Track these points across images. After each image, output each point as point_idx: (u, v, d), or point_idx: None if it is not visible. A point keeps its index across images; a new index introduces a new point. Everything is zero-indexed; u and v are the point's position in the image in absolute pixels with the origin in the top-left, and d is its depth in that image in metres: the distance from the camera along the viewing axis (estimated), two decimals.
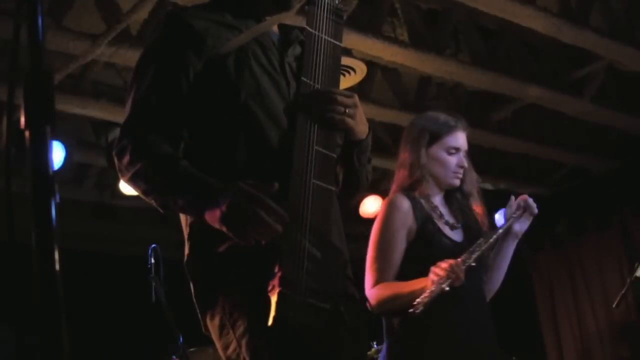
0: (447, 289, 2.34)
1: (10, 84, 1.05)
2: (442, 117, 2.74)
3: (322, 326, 1.57)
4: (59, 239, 0.97)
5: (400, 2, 4.51)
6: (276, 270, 1.51)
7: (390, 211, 2.60)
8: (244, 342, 1.56)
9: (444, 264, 2.38)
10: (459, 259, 2.41)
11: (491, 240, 2.52)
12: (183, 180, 1.57)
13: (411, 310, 2.34)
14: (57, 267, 0.95)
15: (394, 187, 2.70)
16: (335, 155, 1.67)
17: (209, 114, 1.67)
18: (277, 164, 1.61)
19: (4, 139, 1.04)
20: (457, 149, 2.68)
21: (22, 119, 1.00)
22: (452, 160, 2.66)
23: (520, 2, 4.00)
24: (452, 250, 2.52)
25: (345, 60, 4.38)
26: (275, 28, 1.84)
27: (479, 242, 2.49)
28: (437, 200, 2.67)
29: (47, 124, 0.99)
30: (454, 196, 2.70)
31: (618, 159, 6.23)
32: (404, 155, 2.69)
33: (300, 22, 1.78)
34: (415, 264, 2.51)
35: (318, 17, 1.73)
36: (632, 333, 6.05)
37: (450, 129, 2.70)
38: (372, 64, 4.94)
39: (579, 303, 6.55)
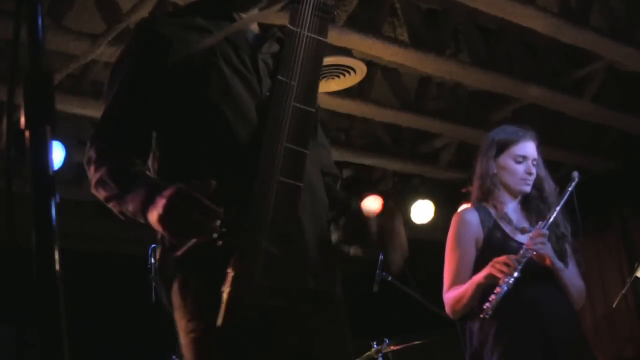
0: (510, 286, 2.55)
1: (10, 84, 1.05)
2: (510, 128, 2.92)
3: (273, 325, 1.57)
4: (59, 239, 0.97)
5: (400, 2, 4.51)
6: (229, 270, 1.50)
7: (458, 224, 2.83)
8: (199, 346, 1.58)
9: (501, 259, 2.59)
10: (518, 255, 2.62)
11: (542, 228, 2.69)
12: (133, 186, 1.58)
13: (482, 315, 2.56)
14: (57, 267, 0.95)
15: (471, 200, 2.92)
16: (307, 151, 1.66)
17: (179, 116, 1.67)
18: (246, 162, 1.60)
19: (4, 139, 1.04)
20: (525, 157, 2.83)
21: (22, 119, 0.99)
22: (520, 168, 2.81)
23: (520, 2, 4.00)
24: (518, 251, 2.68)
25: (345, 60, 4.39)
26: (255, 27, 1.84)
27: (531, 233, 2.69)
28: (510, 207, 2.85)
29: (47, 124, 0.99)
30: (533, 203, 2.86)
31: (618, 159, 6.22)
32: (477, 167, 2.89)
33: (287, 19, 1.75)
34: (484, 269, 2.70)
35: (301, 14, 1.71)
36: (632, 333, 6.05)
37: (517, 139, 2.85)
38: (372, 64, 4.94)
39: None
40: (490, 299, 2.58)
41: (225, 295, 1.48)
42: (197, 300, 1.60)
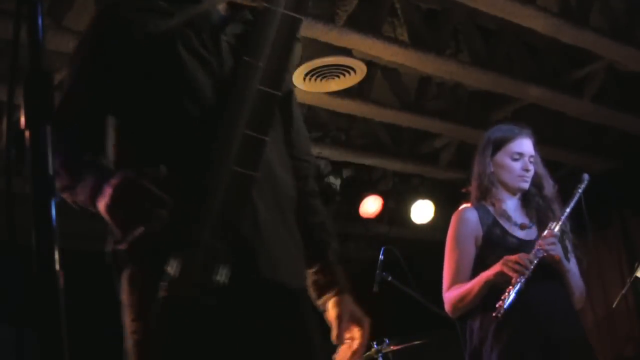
0: (522, 285, 2.56)
1: (10, 84, 1.05)
2: (505, 126, 2.94)
3: (210, 325, 1.47)
4: (59, 239, 0.97)
5: (400, 2, 4.50)
6: (167, 267, 1.42)
7: (457, 222, 2.84)
8: (139, 349, 1.51)
9: (513, 257, 2.60)
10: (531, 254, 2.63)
11: (554, 229, 2.71)
12: (83, 175, 1.53)
13: (494, 314, 2.57)
14: (57, 267, 0.95)
15: (470, 198, 2.92)
16: (266, 139, 1.56)
17: (134, 102, 1.60)
18: (199, 150, 1.52)
19: (4, 139, 1.04)
20: (521, 155, 2.84)
21: (22, 119, 1.00)
22: (517, 165, 2.83)
23: (520, 2, 4.00)
24: (518, 247, 2.73)
25: (345, 60, 4.39)
26: (222, 8, 1.75)
27: (543, 234, 2.71)
28: (510, 204, 2.86)
29: (47, 124, 0.99)
30: (532, 199, 2.88)
31: (618, 159, 6.22)
32: (474, 167, 2.91)
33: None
34: (484, 266, 2.73)
35: None
36: (632, 333, 6.05)
37: (513, 136, 2.87)
38: (372, 64, 4.94)
39: None
40: (502, 297, 2.58)
41: (161, 295, 1.41)
42: (142, 298, 1.52)
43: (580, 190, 2.81)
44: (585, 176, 2.83)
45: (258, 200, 1.56)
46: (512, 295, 2.57)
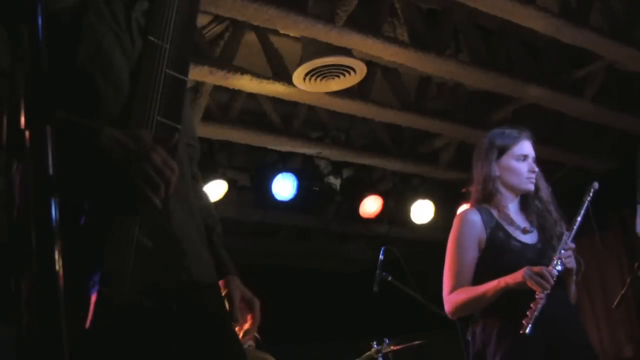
0: (546, 300, 2.55)
1: (10, 84, 1.05)
2: (506, 130, 2.94)
3: (146, 327, 1.42)
4: (59, 239, 0.97)
5: (400, 2, 4.51)
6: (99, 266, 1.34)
7: (460, 224, 2.82)
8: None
9: (537, 269, 2.58)
10: (549, 267, 2.61)
11: (567, 239, 2.70)
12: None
13: (521, 331, 2.54)
14: (57, 267, 0.95)
15: (470, 202, 2.93)
16: (179, 127, 1.48)
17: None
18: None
19: (4, 139, 1.04)
20: (526, 156, 2.86)
21: (22, 119, 0.99)
22: (523, 166, 2.85)
23: (520, 2, 4.00)
24: (521, 251, 2.74)
25: (345, 60, 4.39)
26: None
27: (558, 246, 2.69)
28: (512, 208, 2.87)
29: (47, 124, 0.99)
30: (531, 202, 2.88)
31: (618, 159, 6.22)
32: (477, 171, 2.90)
33: None
34: (488, 269, 2.73)
35: None
36: (632, 333, 6.05)
37: (516, 139, 2.88)
38: (372, 64, 4.94)
39: (579, 303, 6.53)
40: (528, 312, 2.55)
41: (93, 295, 1.33)
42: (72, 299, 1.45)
43: (589, 198, 2.81)
44: (595, 184, 2.83)
45: (172, 198, 1.45)
46: (538, 310, 2.55)
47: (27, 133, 0.98)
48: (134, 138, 1.35)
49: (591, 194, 2.83)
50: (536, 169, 2.86)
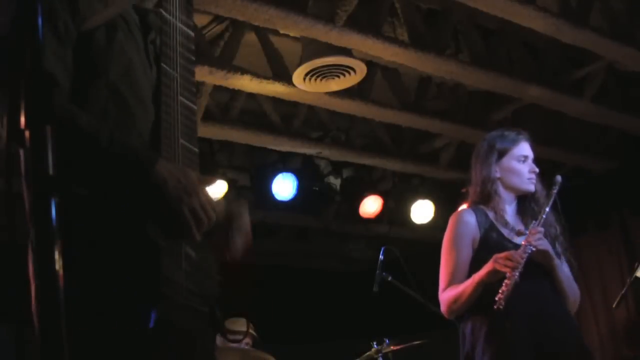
0: (518, 279, 2.57)
1: (10, 84, 1.05)
2: (505, 132, 2.96)
3: (201, 329, 1.55)
4: (59, 239, 0.97)
5: (400, 2, 4.51)
6: (157, 269, 1.42)
7: (455, 224, 2.85)
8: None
9: (502, 254, 2.62)
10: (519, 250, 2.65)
11: (535, 225, 2.73)
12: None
13: (495, 307, 2.56)
14: (57, 267, 0.95)
15: (467, 203, 2.95)
16: (197, 150, 1.58)
17: (76, 92, 1.48)
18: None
19: (4, 139, 1.04)
20: (526, 157, 2.88)
21: (22, 119, 0.99)
22: (525, 167, 2.86)
23: (520, 2, 4.00)
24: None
25: (345, 60, 4.39)
26: (130, 8, 1.69)
27: (528, 231, 2.72)
28: (509, 210, 2.88)
29: (47, 124, 0.99)
30: (528, 205, 2.88)
31: (618, 159, 6.23)
32: (476, 173, 2.91)
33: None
34: (479, 269, 2.72)
35: (171, 3, 1.61)
36: (632, 333, 6.05)
37: (515, 140, 2.90)
38: (372, 64, 4.94)
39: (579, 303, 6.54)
40: (501, 290, 2.59)
41: (156, 297, 1.42)
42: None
43: (554, 192, 2.81)
44: (558, 178, 2.83)
45: None
46: (511, 286, 2.57)
47: (27, 133, 0.98)
48: (184, 173, 1.43)
49: (556, 188, 2.82)
50: (537, 170, 2.88)
